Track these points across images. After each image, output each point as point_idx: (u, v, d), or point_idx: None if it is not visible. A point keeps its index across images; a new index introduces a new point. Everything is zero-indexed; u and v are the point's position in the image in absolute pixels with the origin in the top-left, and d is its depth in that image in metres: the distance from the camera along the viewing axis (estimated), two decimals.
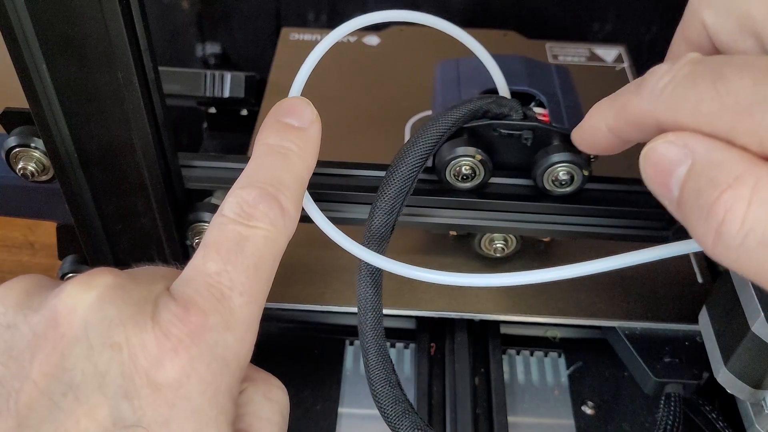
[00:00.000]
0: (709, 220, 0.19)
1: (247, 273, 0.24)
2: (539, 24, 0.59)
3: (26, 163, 0.30)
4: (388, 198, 0.29)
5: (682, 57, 0.21)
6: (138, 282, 0.24)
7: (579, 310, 0.37)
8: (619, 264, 0.26)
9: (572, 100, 0.35)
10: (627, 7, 0.58)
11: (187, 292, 0.23)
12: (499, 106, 0.31)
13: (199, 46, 0.61)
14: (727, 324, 0.30)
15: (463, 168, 0.31)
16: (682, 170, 0.20)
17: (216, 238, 0.24)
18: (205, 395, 0.22)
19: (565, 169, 0.31)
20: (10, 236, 0.55)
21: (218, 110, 0.50)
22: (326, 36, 0.30)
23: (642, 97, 0.22)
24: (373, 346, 0.29)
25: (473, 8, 0.58)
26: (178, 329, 0.22)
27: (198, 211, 0.32)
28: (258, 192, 0.25)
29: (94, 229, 0.31)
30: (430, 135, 0.29)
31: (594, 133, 0.25)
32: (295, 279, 0.37)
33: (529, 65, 0.37)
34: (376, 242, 0.29)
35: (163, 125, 0.29)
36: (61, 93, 0.27)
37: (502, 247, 0.37)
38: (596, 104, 0.25)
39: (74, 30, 0.25)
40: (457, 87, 0.36)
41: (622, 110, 0.23)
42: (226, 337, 0.23)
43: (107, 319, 0.22)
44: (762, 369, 0.29)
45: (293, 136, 0.27)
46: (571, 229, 0.33)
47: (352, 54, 0.51)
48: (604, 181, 0.33)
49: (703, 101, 0.19)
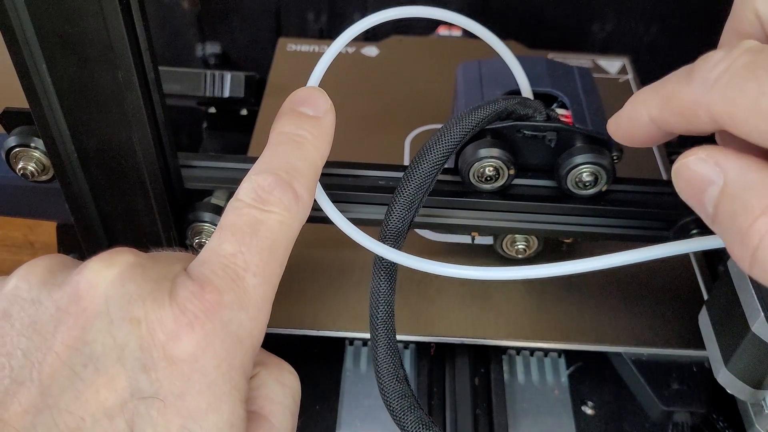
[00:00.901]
0: (745, 245, 0.19)
1: (261, 255, 0.24)
2: (539, 25, 0.59)
3: (26, 163, 0.30)
4: (407, 194, 0.29)
5: (737, 45, 0.20)
6: (157, 262, 0.24)
7: (583, 334, 0.36)
8: (619, 262, 0.26)
9: (595, 102, 0.35)
10: (627, 8, 0.58)
11: (204, 272, 0.24)
12: (524, 107, 0.31)
13: (199, 46, 0.61)
14: (727, 324, 0.30)
15: (487, 169, 0.31)
16: (714, 190, 0.20)
17: (232, 221, 0.25)
18: (219, 369, 0.22)
19: (589, 171, 0.31)
20: (10, 236, 0.55)
21: (218, 110, 0.50)
22: (355, 24, 0.30)
23: (693, 86, 0.20)
24: (383, 340, 0.29)
25: (473, 8, 0.58)
26: (195, 306, 0.23)
27: (197, 211, 0.32)
28: (273, 178, 0.26)
29: (94, 229, 0.31)
30: (454, 134, 0.29)
31: (634, 123, 0.23)
32: (291, 299, 0.36)
33: (550, 66, 0.37)
34: (393, 237, 0.29)
35: (163, 125, 0.29)
36: (61, 93, 0.27)
37: (524, 248, 0.37)
38: (636, 93, 0.23)
39: (74, 30, 0.25)
40: (480, 88, 0.36)
41: (669, 100, 0.21)
42: (240, 315, 0.23)
43: (127, 294, 0.22)
44: (762, 369, 0.29)
45: (308, 125, 0.28)
46: (594, 231, 0.33)
47: (351, 65, 0.50)
48: (628, 182, 0.33)
49: (764, 95, 0.18)
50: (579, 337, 0.36)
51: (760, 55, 0.19)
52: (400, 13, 0.30)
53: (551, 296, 0.37)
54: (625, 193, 0.33)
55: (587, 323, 0.36)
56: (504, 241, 0.37)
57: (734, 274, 0.30)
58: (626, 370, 0.37)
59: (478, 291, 0.37)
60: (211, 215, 0.32)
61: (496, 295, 0.37)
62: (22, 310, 0.23)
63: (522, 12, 0.59)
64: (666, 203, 0.32)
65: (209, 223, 0.32)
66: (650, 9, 0.57)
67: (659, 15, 0.58)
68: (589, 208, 0.32)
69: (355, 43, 0.51)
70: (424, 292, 0.37)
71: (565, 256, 0.39)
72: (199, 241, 0.33)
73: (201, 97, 0.47)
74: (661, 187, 0.33)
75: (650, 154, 0.45)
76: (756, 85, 0.18)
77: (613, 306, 0.37)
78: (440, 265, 0.28)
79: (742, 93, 0.19)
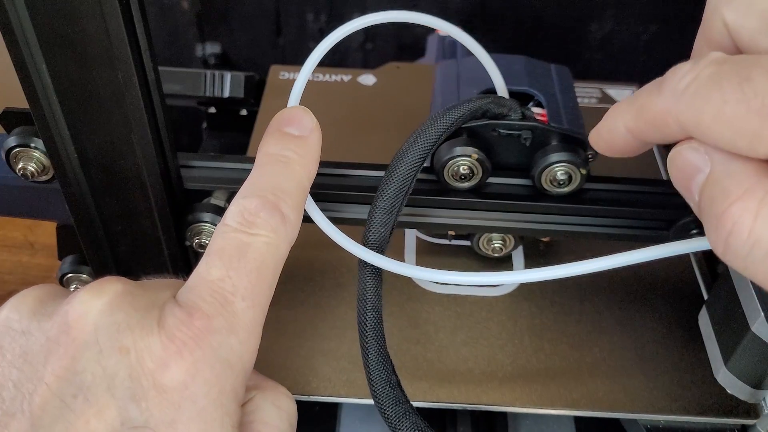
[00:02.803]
0: (719, 230, 0.20)
1: (250, 278, 0.24)
2: (538, 23, 0.59)
3: (26, 163, 0.30)
4: (387, 197, 0.29)
5: (704, 56, 0.20)
6: (146, 290, 0.25)
7: (594, 401, 0.33)
8: (619, 263, 0.26)
9: (571, 100, 0.35)
10: (625, 8, 0.58)
11: (192, 298, 0.24)
12: (498, 106, 0.31)
13: (199, 46, 0.61)
14: (727, 324, 0.30)
15: (461, 168, 0.31)
16: (701, 177, 0.21)
17: (219, 245, 0.25)
18: (209, 396, 0.23)
19: (563, 169, 0.31)
20: (10, 236, 0.55)
21: (218, 110, 0.50)
22: (324, 40, 0.30)
23: (663, 96, 0.21)
24: (374, 347, 0.29)
25: (472, 9, 0.58)
26: (183, 333, 0.23)
27: (197, 212, 0.32)
28: (259, 200, 0.26)
29: (94, 229, 0.31)
30: (429, 135, 0.30)
31: (612, 134, 0.24)
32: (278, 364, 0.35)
33: (528, 65, 0.37)
34: (376, 241, 0.29)
35: (163, 125, 0.29)
36: (61, 93, 0.27)
37: (500, 246, 0.37)
38: (614, 105, 0.24)
39: (74, 30, 0.25)
40: (456, 87, 0.36)
41: (642, 111, 0.22)
42: (229, 340, 0.23)
43: (116, 323, 0.23)
44: (762, 369, 0.29)
45: (294, 145, 0.28)
46: (570, 229, 0.33)
47: (347, 94, 0.49)
48: (604, 181, 0.33)
49: (727, 103, 0.19)
50: (590, 404, 0.33)
51: (724, 66, 0.20)
52: (365, 22, 0.30)
53: (560, 354, 0.35)
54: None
55: (599, 388, 0.34)
56: (480, 239, 0.37)
57: (734, 273, 0.30)
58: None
59: (483, 352, 0.35)
60: (211, 215, 0.32)
61: (502, 356, 0.35)
62: (13, 341, 0.23)
63: (521, 12, 0.59)
64: (666, 203, 0.32)
65: (209, 224, 0.32)
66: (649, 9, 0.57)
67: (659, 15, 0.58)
68: (564, 206, 0.32)
69: (352, 71, 0.50)
70: (422, 354, 0.35)
71: (546, 256, 0.39)
72: (198, 242, 0.33)
73: (201, 97, 0.47)
74: (660, 187, 0.33)
75: (650, 154, 0.45)
76: (720, 95, 0.19)
77: (626, 364, 0.35)
78: (428, 271, 0.28)
79: (707, 102, 0.20)
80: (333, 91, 0.48)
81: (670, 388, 0.34)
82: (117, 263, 0.33)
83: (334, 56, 0.60)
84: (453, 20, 0.32)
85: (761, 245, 0.19)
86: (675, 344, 0.36)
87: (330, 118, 0.45)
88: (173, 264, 0.33)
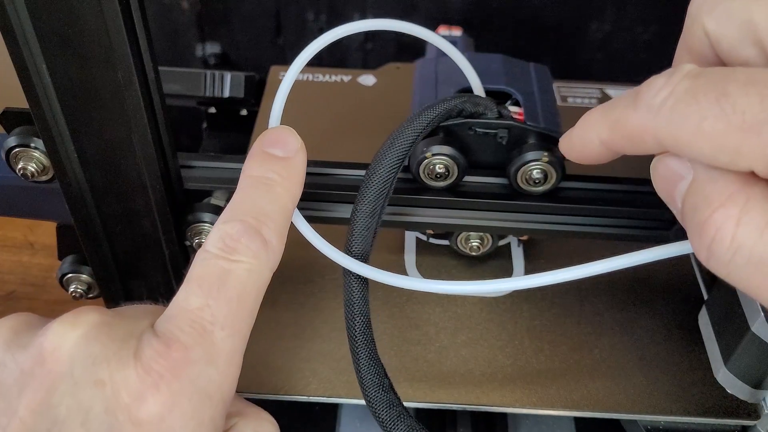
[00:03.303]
0: (702, 237, 0.20)
1: (230, 306, 0.24)
2: (538, 23, 0.59)
3: (26, 163, 0.30)
4: (368, 201, 0.29)
5: (677, 69, 0.20)
6: (123, 319, 0.24)
7: (595, 402, 0.33)
8: (619, 265, 0.26)
9: (549, 99, 0.35)
10: (625, 7, 0.58)
11: (170, 329, 0.23)
12: (474, 105, 0.31)
13: (199, 46, 0.61)
14: (727, 324, 0.30)
15: (437, 167, 0.31)
16: (684, 184, 0.21)
17: (199, 273, 0.25)
18: (187, 429, 0.22)
19: (539, 168, 0.31)
20: (10, 236, 0.55)
21: (218, 110, 0.50)
22: (295, 61, 0.30)
23: (638, 112, 0.21)
24: (364, 351, 0.29)
25: (472, 8, 0.58)
26: (160, 365, 0.22)
27: (197, 212, 0.32)
28: (240, 225, 0.25)
29: (94, 229, 0.31)
30: (406, 136, 0.29)
31: (584, 144, 0.24)
32: (277, 366, 0.35)
33: (506, 64, 0.37)
34: (360, 247, 0.29)
35: (163, 125, 0.29)
36: (61, 93, 0.27)
37: (478, 245, 0.37)
38: (586, 115, 0.24)
39: (74, 30, 0.25)
40: (434, 86, 0.36)
41: (617, 125, 0.22)
42: (208, 371, 0.23)
43: (92, 356, 0.22)
44: (762, 369, 0.29)
45: (277, 167, 0.27)
46: (547, 228, 0.33)
47: (347, 95, 0.49)
48: (581, 179, 0.33)
49: (706, 119, 0.19)
50: (590, 404, 0.33)
51: (699, 80, 0.19)
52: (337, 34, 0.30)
53: (560, 356, 0.35)
54: (625, 193, 0.33)
55: (600, 389, 0.34)
56: (458, 238, 0.37)
57: None
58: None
59: (483, 353, 0.35)
60: (211, 216, 0.32)
61: (503, 358, 0.35)
62: None
63: (521, 11, 0.59)
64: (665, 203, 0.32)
65: (209, 224, 0.32)
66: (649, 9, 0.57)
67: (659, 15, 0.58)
68: (540, 205, 0.32)
69: (351, 72, 0.50)
70: (423, 354, 0.35)
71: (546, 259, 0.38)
72: (198, 241, 0.33)
73: (201, 97, 0.46)
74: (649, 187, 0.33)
75: (650, 155, 0.45)
76: (697, 110, 0.19)
77: (627, 365, 0.35)
78: (419, 282, 0.28)
79: (685, 118, 0.19)
80: (333, 91, 0.48)
81: (671, 389, 0.34)
82: (117, 263, 0.33)
83: (333, 56, 0.60)
84: (453, 20, 0.32)
85: (743, 252, 0.19)
86: (675, 345, 0.36)
87: (330, 118, 0.45)
88: (173, 264, 0.33)
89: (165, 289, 0.34)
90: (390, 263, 0.39)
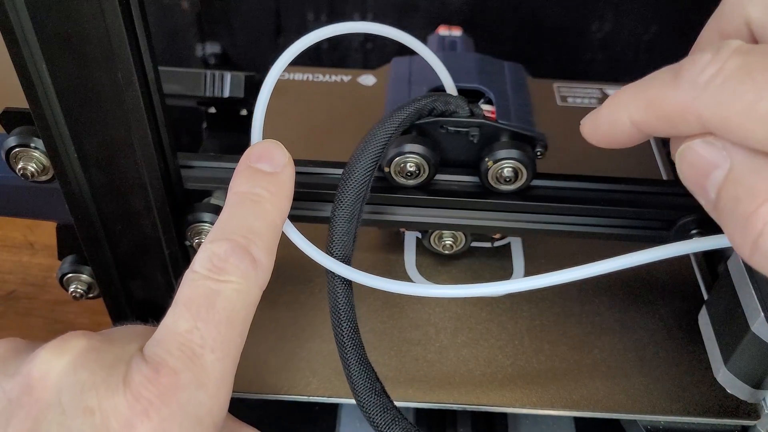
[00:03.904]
0: (747, 231, 0.19)
1: (219, 328, 0.24)
2: (538, 23, 0.59)
3: (26, 163, 0.30)
4: (346, 206, 0.29)
5: (724, 45, 0.19)
6: (112, 343, 0.24)
7: (594, 402, 0.33)
8: (620, 265, 0.26)
9: (521, 98, 0.35)
10: (626, 7, 0.58)
11: (159, 353, 0.23)
12: (444, 104, 0.31)
13: (199, 46, 0.61)
14: (727, 324, 0.30)
15: (408, 165, 0.31)
16: (719, 173, 0.20)
17: (187, 294, 0.24)
18: None
19: (510, 166, 0.31)
20: (10, 236, 0.55)
21: (218, 110, 0.50)
22: (271, 68, 0.30)
23: (680, 90, 0.19)
24: (354, 357, 0.28)
25: (472, 9, 0.58)
26: (149, 391, 0.22)
27: (197, 212, 0.32)
28: (228, 244, 0.25)
29: (94, 229, 0.31)
30: (379, 139, 0.29)
31: (613, 125, 0.22)
32: (278, 366, 0.35)
33: (480, 62, 0.37)
34: (341, 251, 0.29)
35: (162, 125, 0.29)
36: (61, 93, 0.27)
37: (451, 243, 0.37)
38: (615, 94, 0.22)
39: (74, 30, 0.25)
40: (408, 85, 0.36)
41: (654, 104, 0.20)
42: (198, 395, 0.23)
43: (80, 383, 0.22)
44: (762, 369, 0.29)
45: (265, 182, 0.27)
46: (519, 226, 0.33)
47: (347, 94, 0.49)
48: (552, 178, 0.33)
49: (762, 99, 0.17)
50: (590, 404, 0.33)
51: (752, 57, 0.18)
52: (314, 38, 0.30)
53: (559, 355, 0.35)
54: (625, 193, 0.33)
55: (599, 389, 0.34)
56: (431, 236, 0.37)
57: (734, 274, 0.30)
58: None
59: (483, 353, 0.35)
60: (211, 216, 0.32)
61: (502, 357, 0.35)
62: None
63: (521, 12, 0.59)
64: (666, 203, 0.32)
65: (209, 224, 0.32)
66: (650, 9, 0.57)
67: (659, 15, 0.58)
68: (511, 203, 0.32)
69: (352, 72, 0.50)
70: (423, 354, 0.35)
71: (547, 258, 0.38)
72: (198, 241, 0.33)
73: (201, 97, 0.46)
74: (659, 187, 0.33)
75: (650, 154, 0.45)
76: (752, 88, 0.18)
77: (626, 365, 0.35)
78: (409, 286, 0.28)
79: (736, 97, 0.18)
80: (333, 92, 0.48)
81: (671, 389, 0.34)
82: (117, 263, 0.33)
83: (333, 56, 0.60)
84: (453, 20, 0.32)
85: None
86: (675, 345, 0.36)
87: (330, 118, 0.45)
88: (173, 264, 0.33)
89: (165, 289, 0.34)
90: (390, 263, 0.39)
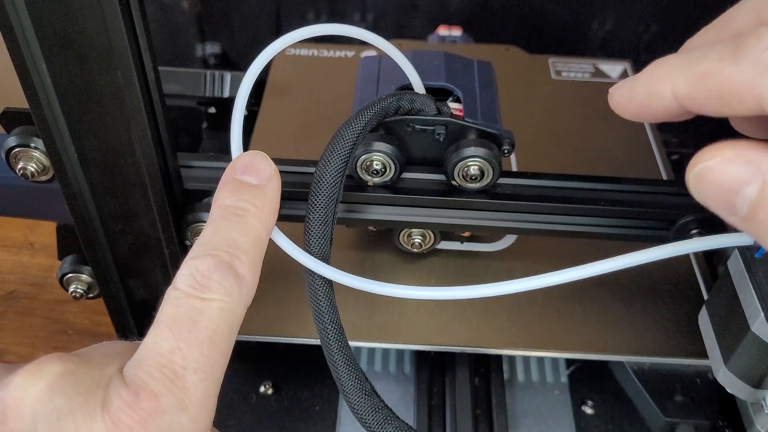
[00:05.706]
0: None
1: (201, 349, 0.23)
2: (538, 23, 0.59)
3: (26, 163, 0.30)
4: (319, 209, 0.29)
5: None
6: (90, 365, 0.23)
7: (585, 344, 0.35)
8: (620, 265, 0.26)
9: (489, 95, 0.35)
10: (626, 6, 0.58)
11: (139, 375, 0.22)
12: (410, 102, 0.31)
13: (199, 46, 0.61)
14: (727, 324, 0.30)
15: (374, 163, 0.31)
16: (751, 190, 0.19)
17: (169, 313, 0.23)
18: None
19: (476, 165, 0.31)
20: (10, 236, 0.55)
21: (218, 110, 0.50)
22: (246, 75, 0.29)
23: (741, 66, 0.18)
24: (341, 359, 0.28)
25: (473, 8, 0.58)
26: (128, 417, 0.21)
27: (197, 212, 0.32)
28: (212, 261, 0.24)
29: (94, 229, 0.31)
30: (347, 139, 0.29)
31: (651, 96, 0.21)
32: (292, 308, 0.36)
33: (449, 61, 0.36)
34: (318, 253, 0.29)
35: (162, 125, 0.29)
36: (61, 93, 0.27)
37: (420, 242, 0.37)
38: (657, 63, 0.20)
39: (74, 30, 0.25)
40: (376, 84, 0.36)
41: (706, 78, 0.19)
42: (180, 419, 0.22)
43: (56, 410, 0.21)
44: (762, 368, 0.29)
45: (249, 195, 0.26)
46: (486, 224, 0.33)
47: (350, 69, 0.48)
48: (517, 176, 0.33)
49: None
50: (581, 346, 0.35)
51: None
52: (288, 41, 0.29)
53: (552, 306, 0.37)
54: (624, 193, 0.33)
55: (589, 333, 0.36)
56: (401, 234, 0.37)
57: (734, 274, 0.30)
58: (628, 380, 0.36)
59: (480, 302, 0.37)
60: None
61: (498, 307, 0.37)
62: None
63: (521, 11, 0.59)
64: (665, 203, 0.32)
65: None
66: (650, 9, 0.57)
67: (660, 15, 0.58)
68: (477, 201, 0.32)
69: (355, 47, 0.50)
70: (425, 303, 0.36)
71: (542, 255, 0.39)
72: None
73: (201, 97, 0.47)
74: (659, 187, 0.33)
75: (650, 154, 0.45)
76: None
77: (615, 314, 0.36)
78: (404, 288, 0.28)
79: None
80: (335, 66, 0.48)
81: (656, 335, 0.36)
82: (117, 263, 0.33)
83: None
84: (453, 20, 0.32)
85: None
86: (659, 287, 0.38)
87: (333, 92, 0.46)
88: (173, 264, 0.33)
89: (165, 289, 0.34)
90: (389, 263, 0.39)
